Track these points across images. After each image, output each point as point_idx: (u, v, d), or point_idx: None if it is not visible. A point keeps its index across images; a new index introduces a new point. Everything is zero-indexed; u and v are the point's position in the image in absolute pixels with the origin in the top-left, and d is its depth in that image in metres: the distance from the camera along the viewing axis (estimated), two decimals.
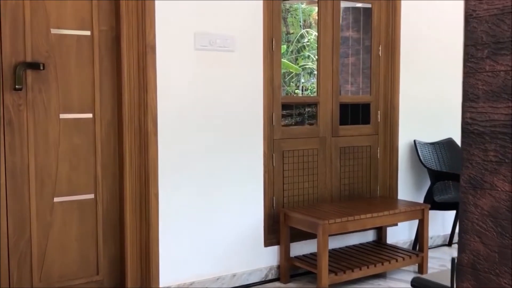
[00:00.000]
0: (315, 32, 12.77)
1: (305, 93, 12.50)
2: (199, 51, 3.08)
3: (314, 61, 12.68)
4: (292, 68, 11.34)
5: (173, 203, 3.07)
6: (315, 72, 12.79)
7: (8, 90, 2.71)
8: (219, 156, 3.22)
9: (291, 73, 11.83)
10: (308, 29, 12.94)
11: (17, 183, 2.78)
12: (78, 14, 2.87)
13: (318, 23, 3.68)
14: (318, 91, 3.71)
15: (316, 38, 12.78)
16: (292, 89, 12.28)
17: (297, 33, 12.59)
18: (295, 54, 12.54)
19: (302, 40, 12.79)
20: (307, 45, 12.87)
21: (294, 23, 12.59)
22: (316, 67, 12.35)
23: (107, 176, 3.03)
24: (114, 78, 2.99)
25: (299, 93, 12.52)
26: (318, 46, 3.70)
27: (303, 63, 12.72)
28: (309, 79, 13.10)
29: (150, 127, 2.97)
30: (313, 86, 12.66)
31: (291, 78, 12.27)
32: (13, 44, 2.71)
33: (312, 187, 3.70)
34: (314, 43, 12.74)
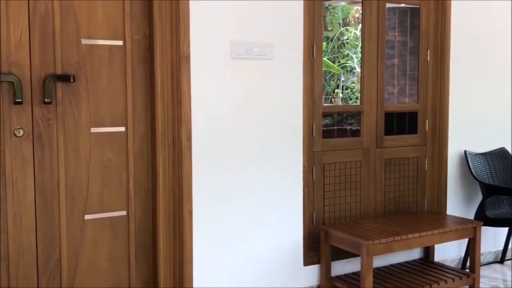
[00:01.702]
0: (355, 30, 12.50)
1: (345, 92, 12.22)
2: (235, 60, 2.91)
3: (354, 59, 12.39)
4: (332, 68, 11.10)
5: (207, 221, 2.92)
6: (355, 71, 12.51)
7: (37, 103, 2.60)
8: (256, 170, 3.05)
9: (331, 72, 11.59)
10: (347, 27, 12.65)
11: (47, 200, 2.67)
12: (110, 23, 2.74)
13: (362, 27, 3.45)
14: (362, 99, 3.49)
15: (355, 36, 12.50)
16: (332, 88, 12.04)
17: (336, 31, 12.32)
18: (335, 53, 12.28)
19: (342, 38, 12.52)
20: (347, 43, 12.59)
21: (332, 21, 12.33)
22: (355, 65, 12.04)
23: (140, 192, 2.89)
24: (147, 90, 2.85)
25: (339, 92, 12.26)
26: (362, 51, 3.48)
27: (343, 61, 12.45)
28: (349, 77, 12.82)
29: (184, 141, 2.82)
30: (353, 85, 12.38)
31: (332, 76, 12.03)
32: (42, 55, 2.59)
33: (354, 202, 3.48)
34: (354, 41, 12.45)
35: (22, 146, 2.59)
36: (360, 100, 3.49)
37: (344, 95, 12.24)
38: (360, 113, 3.50)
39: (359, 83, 12.55)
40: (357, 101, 12.36)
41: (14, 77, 2.51)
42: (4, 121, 2.54)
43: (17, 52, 2.53)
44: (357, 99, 12.15)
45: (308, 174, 3.23)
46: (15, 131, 2.56)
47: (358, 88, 12.29)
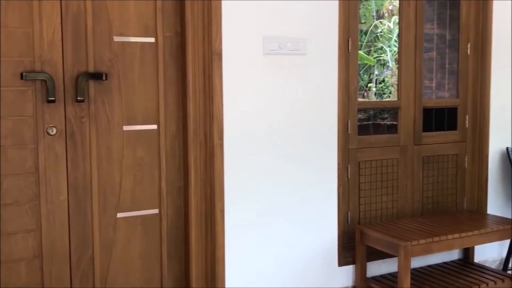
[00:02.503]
0: (388, 22, 12.24)
1: (379, 86, 11.99)
2: (268, 55, 2.84)
3: (387, 53, 12.14)
4: (367, 60, 10.91)
5: (239, 220, 2.87)
6: (388, 64, 12.26)
7: (70, 102, 2.60)
8: (289, 169, 2.98)
9: (365, 65, 11.41)
10: (381, 19, 12.41)
11: (80, 198, 2.67)
12: (142, 20, 2.71)
13: (399, 19, 3.33)
14: (399, 95, 3.38)
15: (389, 29, 12.23)
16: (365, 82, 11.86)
17: (370, 24, 12.12)
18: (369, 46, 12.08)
19: (376, 31, 12.30)
20: (380, 36, 12.36)
21: (366, 14, 12.13)
22: (389, 59, 11.75)
23: (172, 191, 2.86)
24: (179, 87, 2.81)
25: (372, 86, 12.05)
26: (400, 45, 3.36)
27: (376, 55, 12.24)
28: (382, 71, 12.59)
29: (216, 139, 2.77)
30: (387, 79, 12.15)
31: (365, 70, 11.84)
32: (75, 53, 2.58)
33: (391, 201, 3.38)
34: (387, 34, 12.22)
35: (55, 145, 2.59)
36: (397, 95, 3.38)
37: (378, 89, 12.04)
38: (397, 109, 3.39)
39: (393, 77, 12.32)
40: (390, 96, 12.20)
41: (47, 75, 2.51)
42: (37, 119, 2.54)
43: (49, 50, 2.53)
44: (390, 94, 12.00)
45: (343, 172, 3.14)
46: (48, 129, 2.56)
47: (392, 82, 12.12)
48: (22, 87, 2.50)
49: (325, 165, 3.08)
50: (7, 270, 2.53)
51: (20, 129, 2.52)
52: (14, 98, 2.49)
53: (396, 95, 11.76)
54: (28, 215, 2.57)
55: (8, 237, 2.53)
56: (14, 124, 2.51)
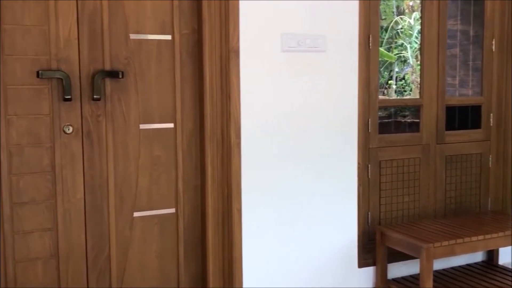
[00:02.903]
0: (409, 19, 12.10)
1: (399, 84, 11.85)
2: (286, 53, 2.78)
3: (408, 49, 12.00)
4: (388, 57, 10.77)
5: (257, 220, 2.82)
6: (409, 61, 12.12)
7: (86, 100, 2.58)
8: (308, 167, 2.92)
9: (385, 62, 11.28)
10: (402, 16, 12.27)
11: (96, 197, 2.65)
12: (158, 17, 2.67)
13: (422, 15, 3.25)
14: (421, 92, 3.29)
15: (410, 25, 12.09)
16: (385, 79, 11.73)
17: (390, 20, 11.99)
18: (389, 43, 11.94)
19: (396, 27, 12.17)
20: (401, 32, 12.23)
21: (386, 10, 12.00)
22: (409, 55, 11.66)
23: (189, 190, 2.83)
24: (195, 85, 2.78)
25: (392, 83, 11.91)
26: (422, 41, 3.28)
27: (397, 51, 12.10)
28: (403, 68, 12.44)
29: (233, 138, 2.73)
30: (407, 76, 12.00)
31: (385, 67, 11.71)
32: (91, 51, 2.56)
33: (413, 201, 3.30)
34: (408, 30, 12.09)
35: (72, 143, 2.57)
36: (419, 93, 3.29)
37: (398, 86, 11.91)
38: (419, 107, 3.30)
39: (413, 74, 12.26)
40: (411, 94, 12.06)
41: (63, 73, 2.49)
42: (53, 118, 2.53)
43: (65, 48, 2.51)
44: (411, 91, 11.87)
45: (363, 171, 3.08)
46: (65, 128, 2.55)
47: (412, 79, 12.00)
48: (38, 85, 2.49)
49: (345, 164, 3.01)
50: (24, 269, 2.53)
51: (36, 127, 2.51)
52: (30, 97, 2.48)
53: (417, 93, 11.66)
54: (45, 213, 2.56)
55: (25, 236, 2.53)
56: (30, 123, 2.50)
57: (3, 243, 2.48)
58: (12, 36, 2.42)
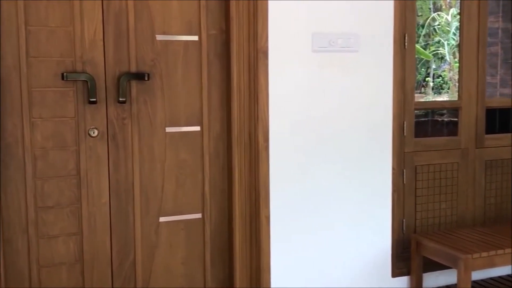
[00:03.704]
0: (446, 15, 11.78)
1: (437, 81, 11.57)
2: (317, 53, 2.67)
3: (445, 46, 11.70)
4: (424, 55, 10.54)
5: (286, 226, 2.72)
6: (446, 58, 11.83)
7: (112, 103, 2.52)
8: (339, 172, 2.81)
9: (421, 60, 11.04)
10: (439, 12, 11.98)
11: (121, 201, 2.60)
12: (185, 17, 2.60)
13: (461, 12, 3.09)
14: (460, 93, 3.13)
15: (447, 22, 11.78)
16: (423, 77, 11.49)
17: (426, 16, 11.73)
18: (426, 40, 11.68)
19: (433, 24, 11.90)
20: (438, 29, 11.96)
21: (422, 7, 11.72)
22: (446, 52, 11.38)
23: (216, 194, 2.75)
24: (223, 87, 2.70)
25: (429, 81, 11.65)
26: (460, 39, 3.11)
27: (433, 48, 11.83)
28: (440, 65, 12.19)
29: (261, 142, 2.63)
30: (445, 74, 11.71)
31: (422, 65, 11.47)
32: (116, 53, 2.51)
33: (450, 208, 3.14)
34: (445, 27, 11.80)
35: (97, 146, 2.53)
36: (458, 94, 3.13)
37: (435, 84, 11.64)
38: (457, 109, 3.14)
39: (451, 71, 11.94)
40: (448, 91, 11.78)
41: (88, 75, 2.45)
42: (78, 121, 2.48)
43: (91, 50, 2.46)
44: (449, 89, 11.59)
45: (398, 177, 2.94)
46: (90, 131, 2.50)
47: (450, 77, 11.71)
48: (63, 87, 2.45)
49: (378, 169, 2.88)
50: (48, 274, 2.49)
51: (61, 130, 2.47)
52: (55, 99, 2.45)
53: (454, 91, 11.34)
54: (69, 218, 2.52)
55: (49, 241, 2.49)
56: (55, 126, 2.46)
57: (27, 247, 2.46)
58: (37, 38, 2.39)
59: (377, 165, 2.88)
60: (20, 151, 2.42)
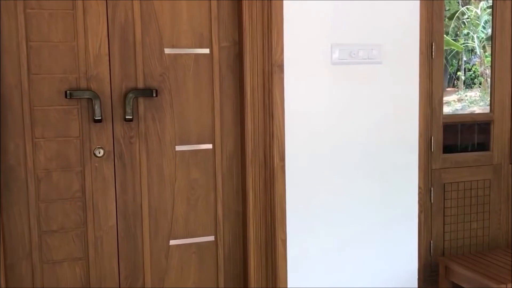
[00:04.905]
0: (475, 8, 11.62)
1: (468, 75, 11.42)
2: (337, 66, 2.49)
3: (475, 39, 11.60)
4: (454, 46, 10.44)
5: (304, 250, 2.55)
6: (476, 50, 11.70)
7: (118, 120, 2.39)
8: (361, 193, 2.62)
9: (452, 51, 10.92)
10: (468, 6, 11.80)
11: (129, 224, 2.46)
12: (196, 29, 2.45)
13: (492, 19, 2.86)
14: (492, 106, 2.91)
15: (476, 15, 11.68)
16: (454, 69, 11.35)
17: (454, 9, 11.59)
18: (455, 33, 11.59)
19: (462, 17, 11.78)
20: (467, 22, 11.84)
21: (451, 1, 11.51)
22: (476, 46, 11.33)
23: (229, 216, 2.60)
24: (236, 103, 2.54)
25: (461, 75, 11.51)
26: (492, 49, 2.89)
27: (463, 41, 11.74)
28: (470, 57, 12.08)
29: (277, 161, 2.47)
30: (476, 68, 11.60)
31: (453, 57, 11.32)
32: (122, 68, 2.37)
33: (481, 228, 2.93)
34: (475, 20, 11.74)
35: (103, 167, 2.39)
36: (490, 106, 2.92)
37: (466, 78, 11.50)
38: (489, 122, 2.92)
39: (481, 65, 11.90)
40: (480, 87, 11.65)
41: (93, 93, 2.31)
42: (83, 140, 2.35)
43: (96, 65, 2.33)
44: (480, 84, 11.40)
45: (425, 196, 2.74)
46: (95, 150, 2.37)
47: (481, 71, 11.54)
48: (67, 106, 2.32)
49: (404, 189, 2.69)
50: None
51: (65, 151, 2.34)
52: (59, 118, 2.32)
53: (486, 87, 11.08)
54: (75, 242, 2.40)
55: (54, 266, 2.37)
56: (59, 146, 2.33)
57: (31, 273, 2.34)
58: (39, 54, 2.26)
59: (403, 184, 2.68)
60: (23, 173, 2.30)
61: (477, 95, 14.84)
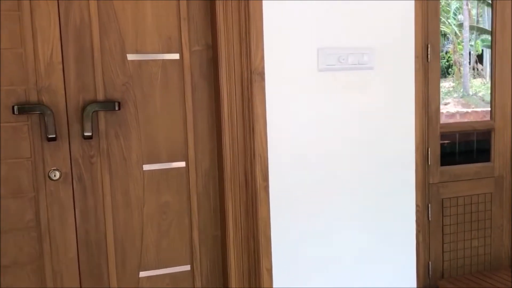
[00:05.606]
0: None
1: (442, 63, 11.49)
2: (324, 72, 2.21)
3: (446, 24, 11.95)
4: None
5: (292, 281, 2.27)
6: (449, 36, 11.89)
7: (76, 138, 2.08)
8: (354, 214, 2.35)
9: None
10: None
11: (93, 255, 2.16)
12: (163, 32, 2.15)
13: (492, 22, 2.63)
14: (493, 113, 2.67)
15: (447, 3, 11.90)
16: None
17: None
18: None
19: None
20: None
21: None
22: (450, 32, 11.60)
23: (206, 242, 2.31)
24: (212, 114, 2.25)
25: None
26: (493, 53, 2.65)
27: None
28: (443, 43, 12.32)
29: (259, 180, 2.18)
30: (450, 56, 11.70)
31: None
32: (79, 77, 2.06)
33: (483, 246, 2.69)
34: (446, 7, 12.07)
35: (60, 191, 2.09)
36: (491, 113, 2.68)
37: (441, 66, 11.59)
38: (490, 131, 2.68)
39: (456, 53, 12.17)
40: (454, 77, 11.74)
41: (44, 107, 2.00)
42: (36, 162, 2.04)
43: (47, 75, 2.02)
44: (454, 75, 11.46)
45: (422, 214, 2.48)
46: (50, 173, 2.06)
47: (455, 60, 11.60)
48: (15, 122, 2.01)
49: (400, 207, 2.42)
50: None
51: (15, 174, 2.03)
52: (7, 137, 2.01)
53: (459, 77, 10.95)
54: (30, 278, 2.10)
55: None
56: (8, 169, 2.02)
57: None
58: None
59: (399, 202, 2.42)
60: None
61: (451, 86, 14.75)
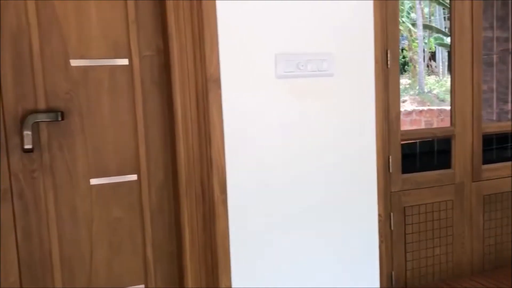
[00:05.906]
0: None
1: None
2: (282, 79, 2.11)
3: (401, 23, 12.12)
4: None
5: None
6: (402, 32, 12.02)
7: (15, 151, 1.91)
8: (315, 226, 2.26)
9: None
10: None
11: (37, 278, 1.99)
12: (109, 36, 2.00)
13: (451, 23, 2.60)
14: (453, 120, 2.64)
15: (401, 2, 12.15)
16: None
17: None
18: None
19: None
20: None
21: None
22: (404, 28, 11.85)
23: (161, 259, 2.17)
24: (165, 124, 2.11)
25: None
26: (452, 58, 2.62)
27: None
28: None
29: (217, 192, 2.06)
30: (405, 53, 11.81)
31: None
32: (17, 86, 1.89)
33: (445, 254, 2.65)
34: (400, 5, 12.37)
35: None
36: (451, 119, 2.64)
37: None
38: (450, 137, 2.65)
39: (410, 51, 12.44)
40: (410, 74, 11.91)
41: None
42: None
43: None
44: (410, 72, 11.57)
45: (385, 224, 2.41)
46: None
47: (410, 57, 11.74)
48: None
49: (361, 217, 2.35)
50: None
51: None
52: None
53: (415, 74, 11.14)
54: None
55: None
56: None
57: None
58: None
59: (360, 212, 2.34)
60: None
61: (407, 83, 14.94)
